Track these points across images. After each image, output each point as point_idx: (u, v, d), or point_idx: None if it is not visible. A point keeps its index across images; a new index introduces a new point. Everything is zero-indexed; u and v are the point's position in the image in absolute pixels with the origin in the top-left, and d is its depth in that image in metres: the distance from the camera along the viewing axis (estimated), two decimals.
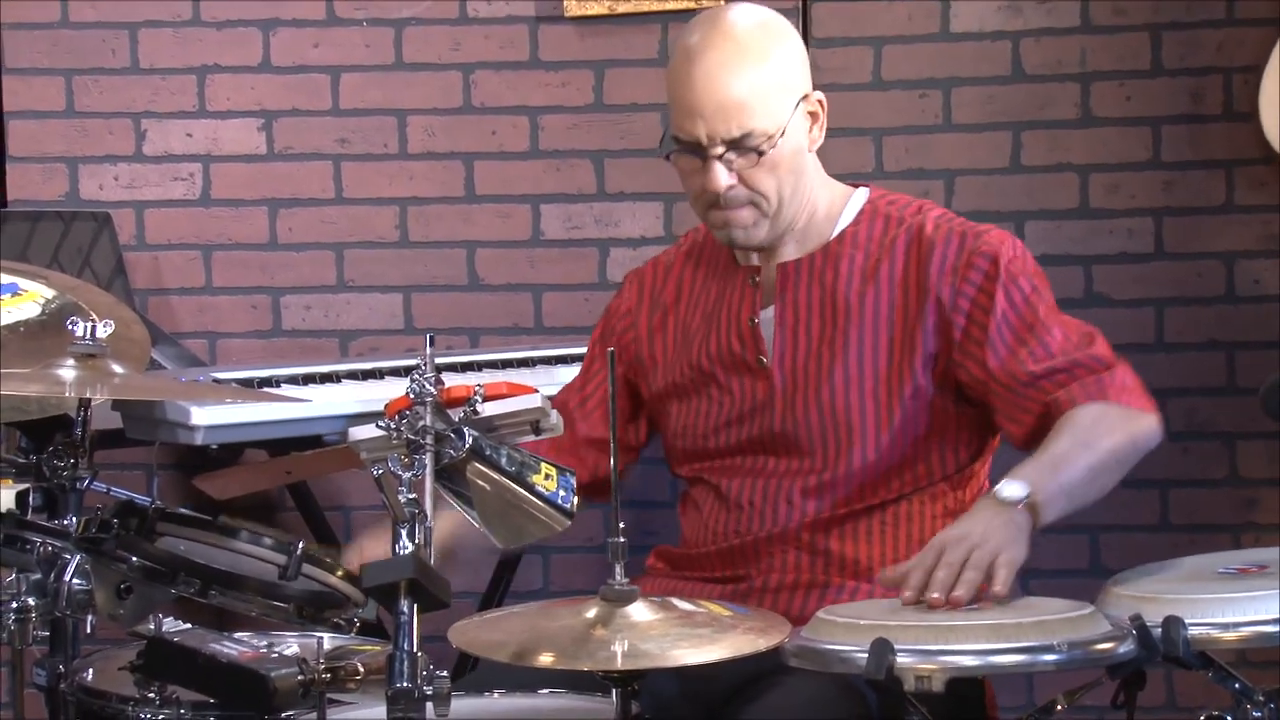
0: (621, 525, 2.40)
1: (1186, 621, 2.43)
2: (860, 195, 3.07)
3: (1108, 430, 2.86)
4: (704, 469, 3.07)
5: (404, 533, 2.28)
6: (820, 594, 2.94)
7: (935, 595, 2.53)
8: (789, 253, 3.04)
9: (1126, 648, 2.44)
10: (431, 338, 2.47)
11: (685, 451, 3.10)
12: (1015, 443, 2.95)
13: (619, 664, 2.33)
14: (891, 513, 2.97)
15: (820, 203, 3.03)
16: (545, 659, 2.35)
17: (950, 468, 3.00)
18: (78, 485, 2.79)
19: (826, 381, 2.97)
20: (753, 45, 2.93)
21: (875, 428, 2.95)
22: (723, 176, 2.91)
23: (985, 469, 3.07)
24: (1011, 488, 2.70)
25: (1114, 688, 2.52)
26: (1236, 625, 2.45)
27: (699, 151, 2.92)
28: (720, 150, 2.90)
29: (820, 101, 2.98)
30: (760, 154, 2.90)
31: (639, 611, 2.40)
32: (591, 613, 2.40)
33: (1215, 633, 2.45)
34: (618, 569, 2.40)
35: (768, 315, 3.03)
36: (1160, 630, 2.43)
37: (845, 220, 3.04)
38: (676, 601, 2.50)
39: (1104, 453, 2.84)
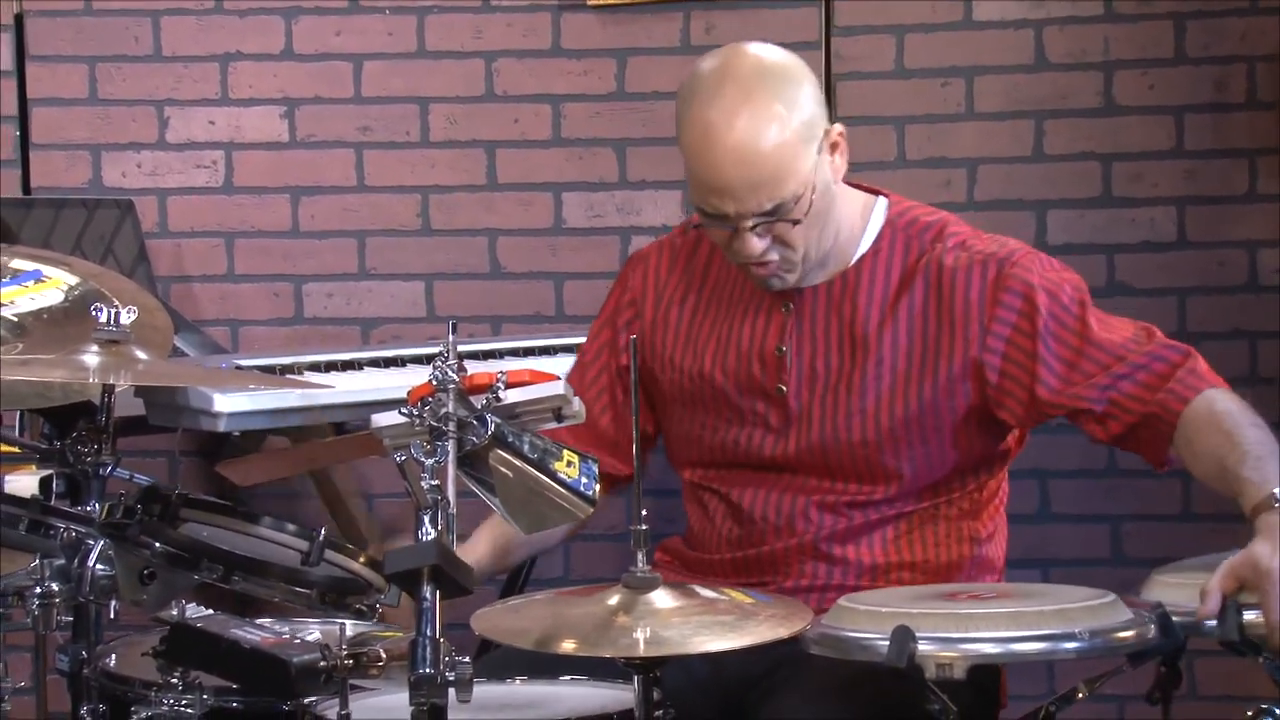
0: (644, 513, 2.41)
1: (1240, 606, 2.42)
2: (879, 210, 3.01)
3: (1244, 406, 2.81)
4: (712, 478, 3.05)
5: (426, 519, 2.28)
6: (837, 596, 2.94)
7: None
8: (812, 278, 2.97)
9: (1148, 636, 2.44)
10: (454, 325, 2.47)
11: (690, 458, 3.08)
12: (1106, 439, 2.88)
13: (641, 651, 2.33)
14: (906, 523, 2.98)
15: (846, 225, 2.97)
16: (568, 646, 2.36)
17: (970, 485, 3.00)
18: (101, 471, 2.79)
19: (844, 415, 2.94)
20: (771, 108, 2.81)
21: (895, 461, 2.94)
22: (756, 245, 2.86)
23: (1004, 472, 3.08)
24: None
25: (1149, 683, 2.52)
26: None
27: (729, 224, 2.86)
28: (751, 223, 2.84)
29: (840, 134, 2.90)
30: (795, 223, 2.84)
31: (661, 599, 2.40)
32: (614, 600, 2.41)
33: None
34: (640, 556, 2.40)
35: (789, 344, 2.99)
36: (1217, 615, 2.42)
37: (865, 242, 2.99)
38: (699, 589, 2.50)
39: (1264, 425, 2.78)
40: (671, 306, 3.11)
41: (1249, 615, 2.43)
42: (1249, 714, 2.49)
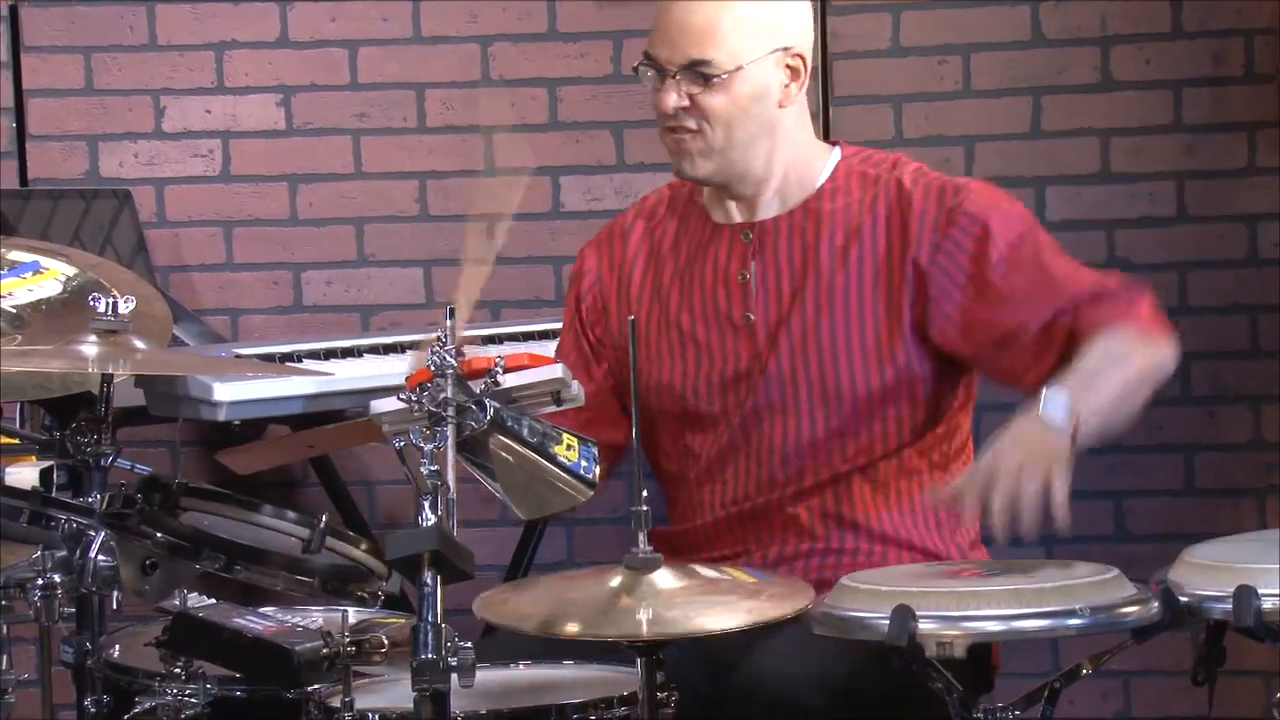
0: (645, 494, 2.40)
1: (1260, 592, 2.39)
2: (835, 154, 3.09)
3: (1135, 354, 2.87)
4: (685, 436, 3.05)
5: (426, 504, 2.28)
6: (820, 560, 2.95)
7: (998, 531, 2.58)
8: (770, 210, 3.05)
9: (1150, 611, 2.44)
10: (452, 310, 2.47)
11: (662, 411, 3.08)
12: (1030, 385, 2.90)
13: (644, 632, 2.33)
14: (884, 469, 2.99)
15: (800, 160, 3.06)
16: (571, 628, 2.36)
17: (938, 416, 3.03)
18: (101, 462, 2.79)
19: (813, 337, 2.98)
20: None
21: (865, 380, 2.97)
22: (671, 97, 2.97)
23: (969, 419, 3.10)
24: (1056, 406, 2.70)
25: (1192, 666, 2.52)
26: None
27: (658, 70, 2.98)
28: (675, 71, 2.96)
29: (801, 57, 3.00)
30: (708, 81, 2.95)
31: (663, 579, 2.40)
32: (616, 581, 2.40)
33: None
34: (641, 537, 2.40)
35: (752, 272, 3.03)
36: (1232, 600, 2.40)
37: (822, 178, 3.06)
38: (700, 569, 2.50)
39: (1133, 376, 2.85)
40: (635, 266, 3.15)
41: (1268, 603, 2.41)
42: (1278, 697, 2.48)
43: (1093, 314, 2.90)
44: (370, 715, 2.46)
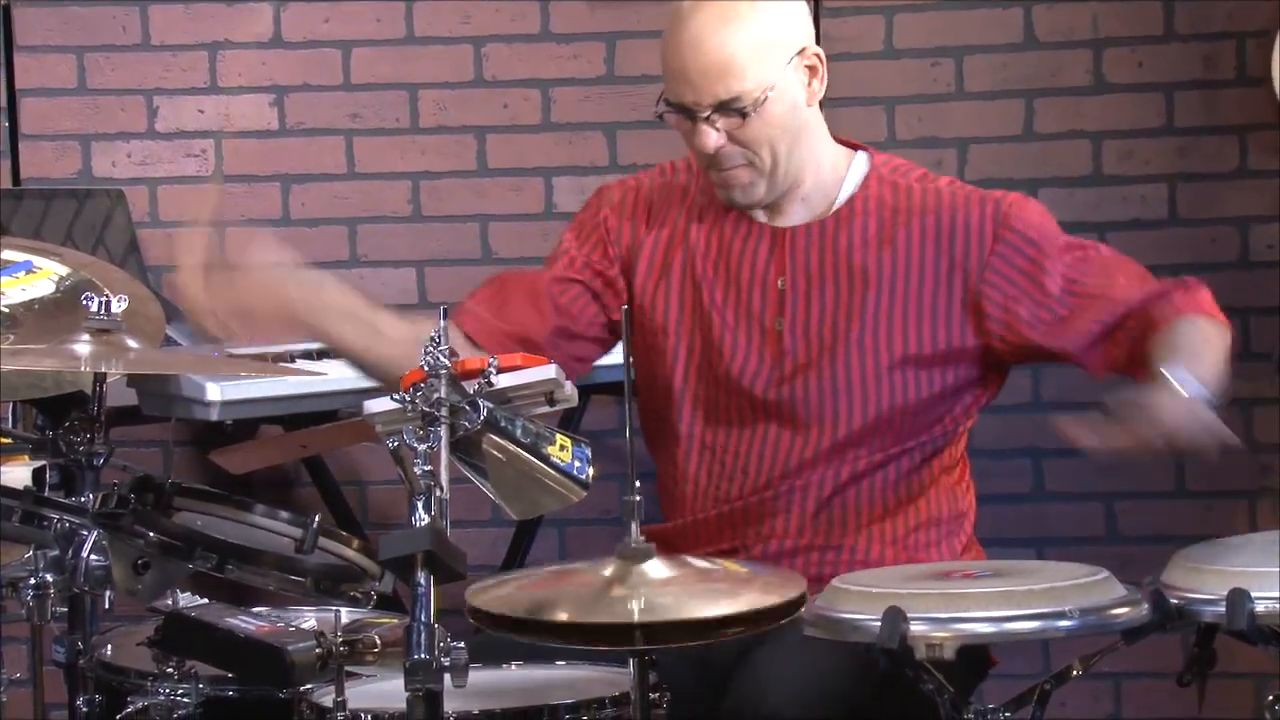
0: (637, 484, 2.39)
1: (1253, 595, 2.39)
2: (862, 159, 3.06)
3: (1215, 333, 2.90)
4: (694, 421, 3.04)
5: (420, 505, 2.28)
6: (820, 556, 2.95)
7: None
8: (797, 216, 3.03)
9: (1140, 613, 2.44)
10: (445, 311, 2.47)
11: (672, 391, 3.06)
12: (1097, 371, 2.97)
13: (636, 619, 2.32)
14: (894, 469, 2.99)
15: (825, 162, 3.03)
16: (562, 615, 2.35)
17: (948, 424, 3.02)
18: (94, 462, 2.79)
19: (841, 350, 2.97)
20: (736, 6, 2.93)
21: (890, 394, 2.96)
22: (711, 137, 2.93)
23: (970, 423, 3.09)
24: (1183, 381, 2.70)
25: (1181, 668, 2.52)
26: None
27: (687, 113, 2.93)
28: (707, 113, 2.92)
29: (818, 55, 2.98)
30: (744, 116, 2.91)
31: (655, 569, 2.39)
32: (608, 571, 2.40)
33: None
34: (634, 527, 2.39)
35: (787, 279, 3.03)
36: (1225, 604, 2.40)
37: (851, 184, 3.03)
38: (692, 559, 2.50)
39: (1220, 351, 2.87)
40: (669, 244, 3.09)
41: (1261, 606, 2.41)
42: (1269, 699, 2.49)
43: (1160, 309, 2.90)
44: (363, 715, 2.46)
